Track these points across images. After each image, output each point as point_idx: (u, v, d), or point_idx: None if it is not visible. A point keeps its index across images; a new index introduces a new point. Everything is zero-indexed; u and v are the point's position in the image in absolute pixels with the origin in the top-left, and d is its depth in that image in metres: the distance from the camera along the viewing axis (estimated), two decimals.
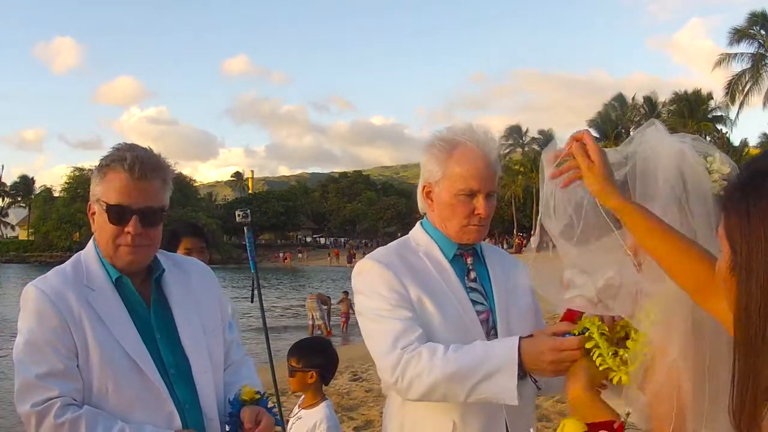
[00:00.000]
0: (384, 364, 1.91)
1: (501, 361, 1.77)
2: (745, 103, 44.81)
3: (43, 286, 1.85)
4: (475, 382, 1.79)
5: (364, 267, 2.08)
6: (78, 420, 1.72)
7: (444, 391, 1.83)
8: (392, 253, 2.09)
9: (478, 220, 2.04)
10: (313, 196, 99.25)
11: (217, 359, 2.01)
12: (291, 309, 24.49)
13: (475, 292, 2.09)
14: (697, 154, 1.55)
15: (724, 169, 1.54)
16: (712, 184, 1.53)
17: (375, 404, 7.74)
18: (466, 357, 1.81)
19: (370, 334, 2.00)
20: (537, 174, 1.57)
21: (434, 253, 2.09)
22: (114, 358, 1.81)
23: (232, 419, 1.92)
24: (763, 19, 43.84)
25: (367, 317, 2.02)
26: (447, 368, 1.81)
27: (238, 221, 4.63)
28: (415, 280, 2.01)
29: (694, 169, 1.53)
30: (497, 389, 1.77)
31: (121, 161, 1.85)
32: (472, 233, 2.06)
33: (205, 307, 2.04)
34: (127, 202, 1.85)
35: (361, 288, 2.06)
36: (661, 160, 1.54)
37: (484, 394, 1.79)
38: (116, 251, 1.88)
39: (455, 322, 1.99)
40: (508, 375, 1.75)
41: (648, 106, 63.36)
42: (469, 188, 2.01)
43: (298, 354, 3.37)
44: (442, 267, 2.07)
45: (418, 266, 2.06)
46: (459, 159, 2.02)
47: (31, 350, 1.79)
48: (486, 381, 1.77)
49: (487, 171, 2.03)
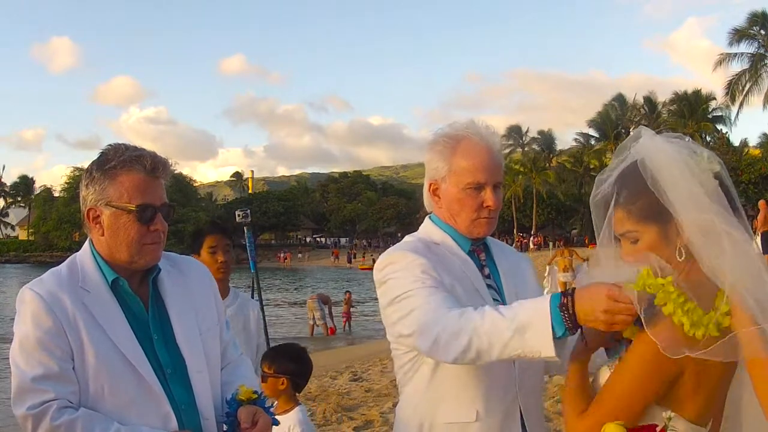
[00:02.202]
0: (422, 327, 1.82)
1: (535, 313, 1.64)
2: (745, 103, 44.83)
3: (38, 288, 1.84)
4: (508, 337, 1.66)
5: (394, 257, 2.01)
6: (74, 422, 1.71)
7: (477, 349, 1.71)
8: (418, 245, 2.06)
9: (487, 212, 2.05)
10: (313, 196, 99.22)
11: (213, 359, 2.00)
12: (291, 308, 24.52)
13: (491, 289, 2.09)
14: (691, 155, 1.54)
15: (715, 166, 1.54)
16: (710, 183, 1.51)
17: (375, 404, 7.73)
18: (503, 312, 1.70)
19: (407, 311, 1.89)
20: (537, 174, 1.55)
21: (453, 248, 2.08)
22: (110, 360, 1.80)
23: (229, 419, 1.91)
24: (763, 19, 43.82)
25: (403, 299, 1.92)
26: (483, 325, 1.70)
27: (238, 221, 4.64)
28: (445, 270, 1.99)
29: (696, 168, 1.52)
30: (531, 343, 1.63)
31: (139, 161, 1.86)
32: (483, 226, 2.07)
33: (201, 307, 2.03)
34: (150, 201, 1.87)
35: (391, 276, 1.98)
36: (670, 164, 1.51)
37: (517, 349, 1.66)
38: (140, 251, 1.88)
39: None
40: (541, 327, 1.61)
41: (648, 106, 63.35)
42: (476, 181, 2.02)
43: (270, 360, 3.33)
44: (464, 260, 2.07)
45: (443, 257, 2.04)
46: (464, 153, 2.03)
47: (26, 353, 1.78)
48: (520, 335, 1.65)
49: (492, 162, 2.04)
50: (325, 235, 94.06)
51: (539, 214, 65.46)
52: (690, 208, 1.48)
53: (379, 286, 2.03)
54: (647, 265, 1.48)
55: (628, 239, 1.58)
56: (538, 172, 63.45)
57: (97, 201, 1.88)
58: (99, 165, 1.89)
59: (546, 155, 72.78)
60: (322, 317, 17.73)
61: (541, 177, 63.09)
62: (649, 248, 1.54)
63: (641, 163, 1.53)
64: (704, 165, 1.53)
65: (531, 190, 64.85)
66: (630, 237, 1.58)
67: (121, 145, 1.93)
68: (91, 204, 1.89)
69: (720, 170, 1.53)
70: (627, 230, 1.57)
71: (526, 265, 2.28)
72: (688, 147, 1.55)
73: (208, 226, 3.44)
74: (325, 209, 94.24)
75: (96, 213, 1.89)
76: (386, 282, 2.00)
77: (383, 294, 2.01)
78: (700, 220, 1.47)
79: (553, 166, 69.46)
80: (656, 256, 1.51)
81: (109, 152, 1.90)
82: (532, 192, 64.67)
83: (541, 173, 63.55)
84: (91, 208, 1.89)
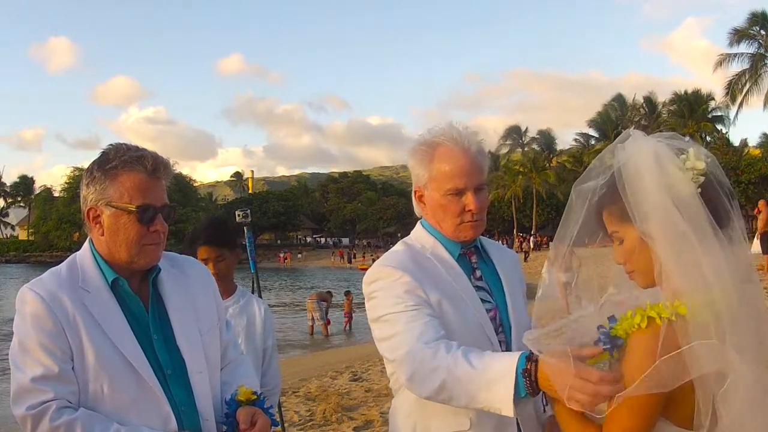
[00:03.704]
0: (402, 359, 1.87)
1: (501, 373, 1.70)
2: (745, 103, 44.81)
3: (38, 288, 1.83)
4: (475, 389, 1.74)
5: (380, 273, 2.04)
6: (74, 423, 1.71)
7: (449, 393, 1.79)
8: (404, 258, 2.07)
9: (470, 216, 2.04)
10: (313, 196, 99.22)
11: (213, 359, 2.00)
12: (291, 308, 24.51)
13: (482, 291, 2.10)
14: (672, 155, 1.55)
15: (699, 165, 1.54)
16: (690, 183, 1.53)
17: (375, 404, 7.73)
18: (473, 362, 1.76)
19: (389, 335, 1.94)
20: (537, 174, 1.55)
21: (442, 254, 2.09)
22: (109, 360, 1.80)
23: (228, 420, 1.91)
24: (763, 20, 43.81)
25: (385, 321, 1.96)
26: (456, 370, 1.76)
27: (238, 221, 4.62)
28: (432, 284, 2.00)
29: (670, 174, 1.53)
30: (494, 400, 1.70)
31: (140, 162, 1.86)
32: (468, 230, 2.07)
33: (201, 307, 2.03)
34: (151, 201, 1.87)
35: (377, 293, 2.01)
36: (642, 171, 1.54)
37: (482, 403, 1.74)
38: (140, 251, 1.88)
39: (472, 323, 2.00)
40: (504, 387, 1.68)
41: (648, 106, 63.39)
42: (456, 187, 2.02)
43: None
44: (451, 267, 2.07)
45: (430, 269, 2.05)
46: (441, 159, 2.03)
47: (26, 353, 1.78)
48: (485, 391, 1.72)
49: (470, 166, 2.03)
50: (325, 235, 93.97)
51: (539, 214, 65.39)
52: (652, 219, 1.51)
53: (367, 301, 2.07)
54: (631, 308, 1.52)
55: (615, 240, 1.63)
56: (538, 172, 63.40)
57: (97, 201, 1.87)
58: (100, 164, 1.89)
59: (546, 155, 72.76)
60: (321, 318, 17.72)
61: (541, 177, 63.02)
62: (632, 249, 1.57)
63: (617, 171, 1.56)
64: (690, 163, 1.54)
65: (531, 190, 64.77)
66: (616, 237, 1.62)
67: (122, 145, 1.93)
68: (91, 203, 1.89)
69: (706, 168, 1.54)
70: (612, 230, 1.62)
71: (515, 262, 2.30)
72: (674, 147, 1.57)
73: (200, 234, 3.27)
74: (325, 209, 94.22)
75: (96, 213, 1.89)
76: (372, 299, 2.04)
77: (369, 309, 2.05)
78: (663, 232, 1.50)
79: (553, 166, 69.41)
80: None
81: (111, 152, 1.90)
82: (532, 192, 64.61)
83: (541, 173, 63.48)
84: (91, 207, 1.89)
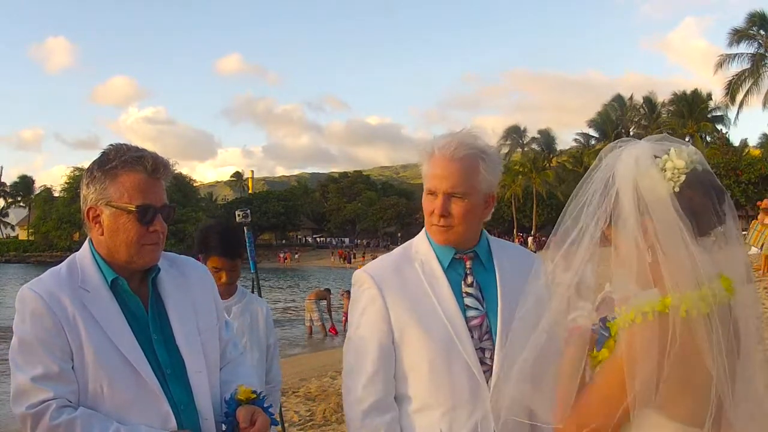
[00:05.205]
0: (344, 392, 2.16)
1: None
2: (745, 104, 44.82)
3: (37, 288, 1.84)
4: None
5: (359, 279, 2.14)
6: (73, 422, 1.72)
7: None
8: (387, 265, 2.14)
9: (436, 219, 2.06)
10: (313, 196, 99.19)
11: (212, 359, 2.00)
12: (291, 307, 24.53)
13: (471, 297, 2.08)
14: (651, 156, 1.59)
15: (679, 163, 1.56)
16: (666, 183, 1.56)
17: None
18: None
19: (344, 351, 2.14)
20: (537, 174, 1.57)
21: (430, 263, 2.11)
22: (109, 360, 1.80)
23: (228, 419, 1.91)
24: (762, 20, 43.82)
25: (347, 335, 2.16)
26: None
27: (238, 221, 4.62)
28: (401, 296, 2.06)
29: (647, 176, 1.57)
30: None
31: (140, 162, 1.86)
32: (436, 234, 2.09)
33: (200, 306, 2.03)
34: (150, 201, 1.87)
35: (352, 297, 2.17)
36: (618, 178, 1.60)
37: None
38: (139, 251, 1.88)
39: (439, 339, 2.01)
40: None
41: (647, 106, 63.43)
42: (428, 187, 2.09)
43: None
44: (434, 277, 2.09)
45: (411, 279, 2.09)
46: (427, 160, 2.10)
47: (26, 353, 1.78)
48: None
49: (446, 171, 2.04)
50: (325, 235, 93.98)
51: (539, 214, 65.41)
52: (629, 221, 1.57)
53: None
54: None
55: (610, 241, 1.65)
56: (537, 172, 63.44)
57: (97, 200, 1.88)
58: (100, 164, 1.89)
59: (546, 155, 72.78)
60: (320, 318, 17.69)
61: (540, 177, 63.07)
62: (626, 252, 1.59)
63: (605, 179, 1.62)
64: (671, 163, 1.57)
65: (531, 190, 64.81)
66: (610, 239, 1.64)
67: (122, 145, 1.93)
68: (91, 203, 1.89)
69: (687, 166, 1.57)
70: (607, 233, 1.64)
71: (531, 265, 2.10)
72: (660, 149, 1.60)
73: (217, 243, 3.16)
74: (325, 209, 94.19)
75: (96, 212, 1.89)
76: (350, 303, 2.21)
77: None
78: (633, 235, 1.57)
79: (553, 166, 69.44)
80: None
81: (111, 152, 1.90)
82: (532, 192, 64.64)
83: (541, 173, 63.54)
84: (91, 207, 1.89)
